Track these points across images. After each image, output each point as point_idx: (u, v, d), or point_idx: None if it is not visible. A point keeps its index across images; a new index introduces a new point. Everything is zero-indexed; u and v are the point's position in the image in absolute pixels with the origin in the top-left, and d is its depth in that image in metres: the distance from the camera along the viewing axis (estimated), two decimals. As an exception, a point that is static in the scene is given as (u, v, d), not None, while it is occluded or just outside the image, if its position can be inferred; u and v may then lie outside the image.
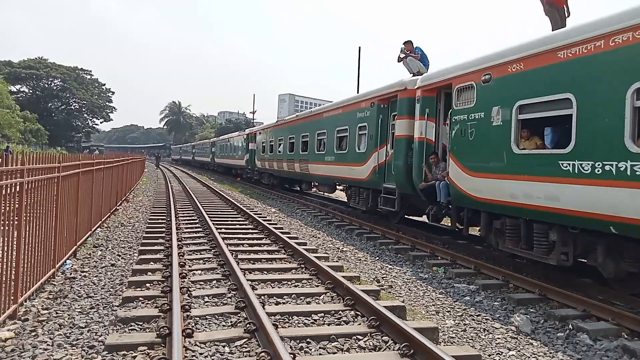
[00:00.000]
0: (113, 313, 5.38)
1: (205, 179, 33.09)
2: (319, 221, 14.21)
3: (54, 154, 7.04)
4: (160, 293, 5.99)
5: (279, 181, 23.83)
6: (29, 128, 53.59)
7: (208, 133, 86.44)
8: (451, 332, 5.40)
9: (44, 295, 6.00)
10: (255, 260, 8.16)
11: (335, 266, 7.74)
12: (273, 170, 23.12)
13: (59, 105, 77.78)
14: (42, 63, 73.80)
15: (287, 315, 5.36)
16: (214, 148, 45.13)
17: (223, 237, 9.54)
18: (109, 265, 7.77)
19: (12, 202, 5.03)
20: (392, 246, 10.10)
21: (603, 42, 5.78)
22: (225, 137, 41.31)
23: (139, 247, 8.96)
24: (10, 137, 45.50)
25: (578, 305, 6.04)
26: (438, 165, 9.68)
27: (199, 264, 7.72)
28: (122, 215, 13.92)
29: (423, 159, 9.86)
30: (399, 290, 7.12)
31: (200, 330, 4.85)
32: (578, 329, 5.43)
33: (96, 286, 6.53)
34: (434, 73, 9.87)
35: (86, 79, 79.76)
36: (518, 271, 7.70)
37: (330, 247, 10.23)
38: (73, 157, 8.29)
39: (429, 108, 9.79)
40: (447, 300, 6.66)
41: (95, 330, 4.90)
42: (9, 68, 69.54)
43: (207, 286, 6.49)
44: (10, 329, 4.76)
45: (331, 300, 6.03)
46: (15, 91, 69.69)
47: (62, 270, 7.18)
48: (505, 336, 5.32)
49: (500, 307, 6.40)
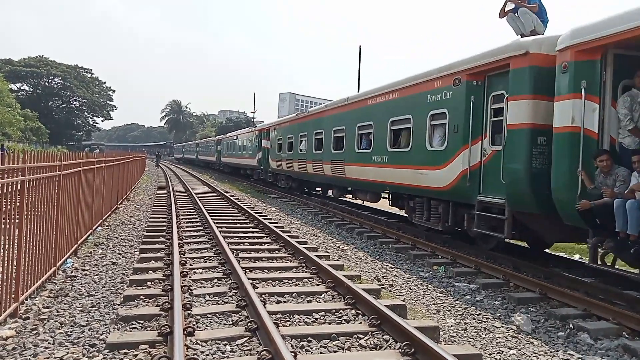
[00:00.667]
0: (114, 311, 5.38)
1: (207, 178, 33.10)
2: (319, 220, 14.21)
3: (55, 153, 7.04)
4: (161, 291, 5.99)
5: (298, 184, 20.90)
6: (29, 126, 53.63)
7: (209, 132, 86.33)
8: (452, 331, 5.40)
9: (45, 293, 6.00)
10: (256, 259, 8.16)
11: (336, 265, 7.74)
12: (292, 172, 19.93)
13: (59, 104, 77.83)
14: (43, 61, 73.85)
15: (288, 313, 5.36)
16: (219, 146, 42.26)
17: (224, 235, 9.54)
18: (110, 263, 7.78)
19: (13, 200, 5.03)
20: (393, 245, 10.10)
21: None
22: (232, 134, 38.18)
23: (140, 245, 8.97)
24: (11, 135, 45.54)
25: (579, 305, 6.04)
26: (611, 173, 6.16)
27: (200, 262, 7.73)
28: (123, 213, 13.92)
29: (579, 162, 6.29)
30: (399, 289, 7.13)
31: (201, 329, 4.85)
32: (579, 328, 5.43)
33: (97, 284, 6.53)
34: (600, 23, 6.17)
35: (87, 78, 79.81)
36: (518, 270, 7.70)
37: (331, 245, 10.23)
38: (74, 155, 8.29)
39: (588, 80, 6.29)
40: (448, 299, 6.67)
41: (97, 328, 4.90)
42: (10, 66, 69.61)
43: (208, 285, 6.49)
44: (11, 328, 4.76)
45: (332, 299, 6.03)
46: (16, 89, 69.77)
47: (63, 268, 7.18)
48: (505, 335, 5.32)
49: (501, 306, 6.40)
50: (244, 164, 31.50)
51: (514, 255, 8.59)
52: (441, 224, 9.54)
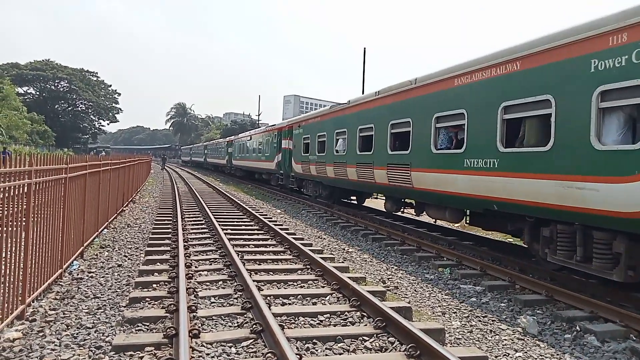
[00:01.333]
0: (120, 313, 5.40)
1: (213, 181, 33.16)
2: (324, 222, 14.20)
3: (61, 155, 7.09)
4: (167, 294, 6.00)
5: (329, 192, 17.41)
6: (35, 130, 53.99)
7: (214, 134, 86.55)
8: (457, 333, 5.38)
9: (52, 295, 6.03)
10: (261, 261, 8.17)
11: (341, 267, 7.73)
12: (324, 177, 16.27)
13: (65, 107, 78.39)
14: (49, 65, 74.43)
15: (293, 316, 5.36)
16: (230, 148, 39.13)
17: (229, 237, 9.55)
18: (116, 265, 7.81)
19: (20, 203, 5.06)
20: (398, 247, 10.07)
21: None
22: (246, 135, 34.20)
23: (146, 247, 9.00)
24: (18, 138, 45.84)
25: (585, 307, 6.01)
26: None
27: (205, 264, 7.74)
28: (129, 216, 13.98)
29: None
30: (404, 291, 7.11)
31: (206, 331, 4.86)
32: (585, 330, 5.40)
33: (103, 287, 6.56)
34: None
35: (92, 81, 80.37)
36: (524, 272, 7.66)
37: (335, 248, 10.23)
38: (80, 158, 8.33)
39: None
40: (453, 302, 6.64)
41: (103, 330, 4.92)
42: (16, 70, 70.18)
43: (213, 287, 6.50)
44: (18, 330, 4.79)
45: (337, 301, 6.03)
46: (23, 93, 70.38)
47: (69, 270, 7.22)
48: (512, 337, 5.30)
49: (507, 308, 6.37)
50: (260, 168, 27.96)
51: (520, 257, 8.56)
52: (621, 272, 5.89)
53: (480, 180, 8.01)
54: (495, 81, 7.77)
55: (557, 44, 6.59)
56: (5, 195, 4.60)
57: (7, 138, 42.55)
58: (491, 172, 7.74)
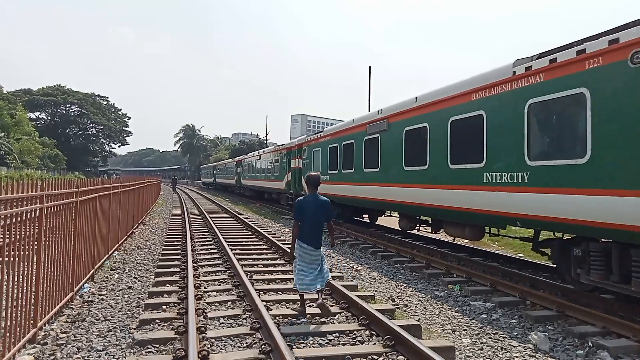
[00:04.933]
0: (130, 336, 5.43)
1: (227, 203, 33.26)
2: (333, 240, 14.15)
3: (71, 179, 7.21)
4: (177, 315, 6.03)
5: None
6: (47, 154, 54.80)
7: (222, 154, 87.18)
8: (468, 351, 5.33)
9: (63, 318, 6.08)
10: (270, 280, 8.17)
11: (349, 285, 7.72)
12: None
13: (76, 131, 79.61)
14: (60, 90, 75.88)
15: (302, 335, 5.36)
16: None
17: (238, 257, 9.58)
18: (126, 287, 7.86)
19: (31, 227, 5.16)
20: (407, 264, 10.03)
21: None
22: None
23: (156, 269, 9.05)
24: (30, 163, 46.53)
25: (597, 322, 5.93)
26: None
27: (214, 285, 7.77)
28: (139, 237, 14.07)
29: None
30: (414, 308, 7.07)
31: (215, 352, 4.87)
32: (598, 346, 5.33)
33: (113, 309, 6.60)
34: None
35: (103, 105, 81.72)
36: (535, 287, 7.59)
37: (344, 266, 10.20)
38: (90, 181, 8.46)
39: None
40: (464, 319, 6.59)
41: (113, 353, 4.95)
42: (29, 96, 71.62)
43: (222, 307, 6.52)
44: (29, 353, 4.83)
45: (346, 320, 6.01)
46: (35, 118, 71.64)
47: (80, 293, 7.28)
48: (523, 354, 5.24)
49: (518, 324, 6.30)
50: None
51: (530, 271, 8.49)
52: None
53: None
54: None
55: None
56: (17, 220, 4.69)
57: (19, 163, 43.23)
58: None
